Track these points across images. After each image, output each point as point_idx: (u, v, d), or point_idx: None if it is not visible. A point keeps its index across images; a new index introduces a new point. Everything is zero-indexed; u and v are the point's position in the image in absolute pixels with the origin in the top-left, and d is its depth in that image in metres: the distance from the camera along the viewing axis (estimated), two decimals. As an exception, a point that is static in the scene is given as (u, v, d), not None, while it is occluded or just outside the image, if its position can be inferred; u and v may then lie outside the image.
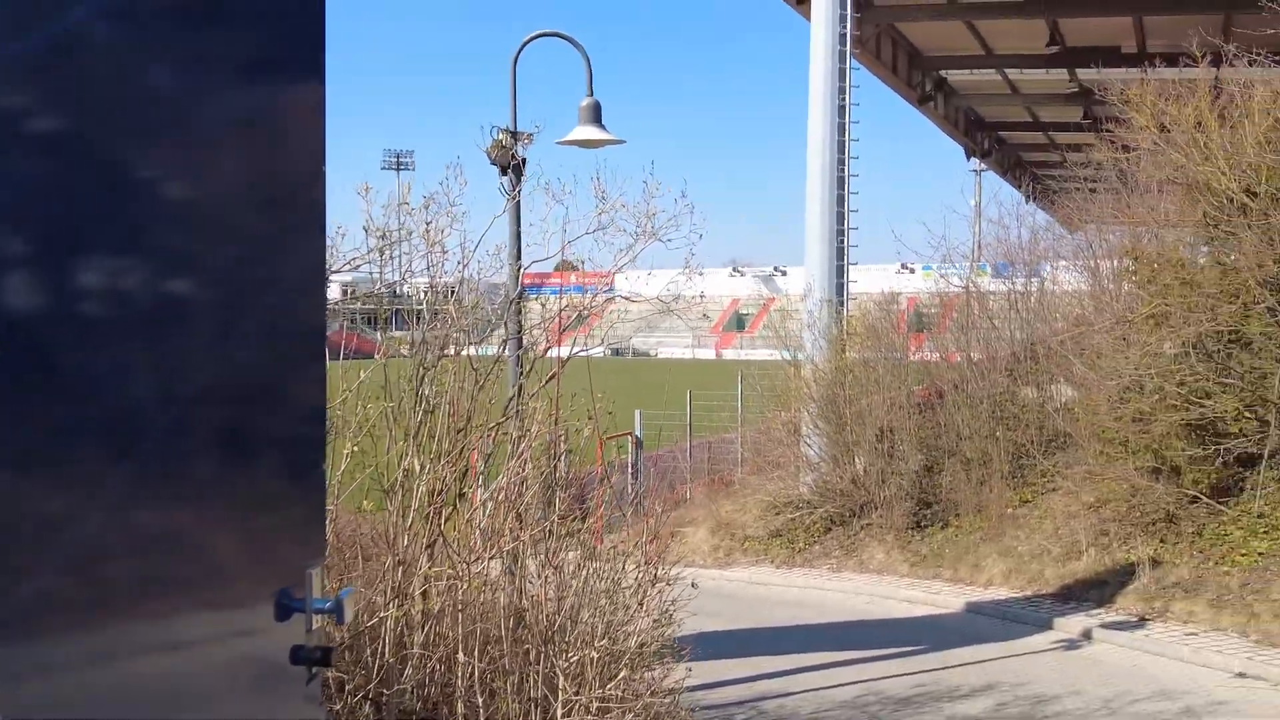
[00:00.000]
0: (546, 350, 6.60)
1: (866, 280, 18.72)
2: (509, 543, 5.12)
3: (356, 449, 5.10)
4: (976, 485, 13.52)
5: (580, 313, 6.80)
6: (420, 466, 5.12)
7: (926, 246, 18.82)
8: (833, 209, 15.90)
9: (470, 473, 5.73)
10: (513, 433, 5.62)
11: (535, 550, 5.36)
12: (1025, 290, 16.60)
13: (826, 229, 15.94)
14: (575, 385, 6.50)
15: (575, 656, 4.83)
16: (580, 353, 6.44)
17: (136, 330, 1.82)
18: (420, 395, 5.33)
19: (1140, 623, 10.22)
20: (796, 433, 15.50)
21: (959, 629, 10.80)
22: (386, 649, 4.62)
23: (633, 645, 5.19)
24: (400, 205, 6.21)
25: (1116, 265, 14.68)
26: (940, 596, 11.98)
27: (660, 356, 78.94)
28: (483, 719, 4.66)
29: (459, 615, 4.74)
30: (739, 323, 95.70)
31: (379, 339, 6.04)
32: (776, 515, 14.59)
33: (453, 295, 6.29)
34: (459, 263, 6.15)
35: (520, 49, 8.16)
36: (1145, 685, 8.80)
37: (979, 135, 34.66)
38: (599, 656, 4.86)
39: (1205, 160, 11.33)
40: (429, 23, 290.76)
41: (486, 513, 5.36)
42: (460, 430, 5.36)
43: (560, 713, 4.77)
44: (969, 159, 36.95)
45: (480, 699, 4.68)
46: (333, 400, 5.04)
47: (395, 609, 4.58)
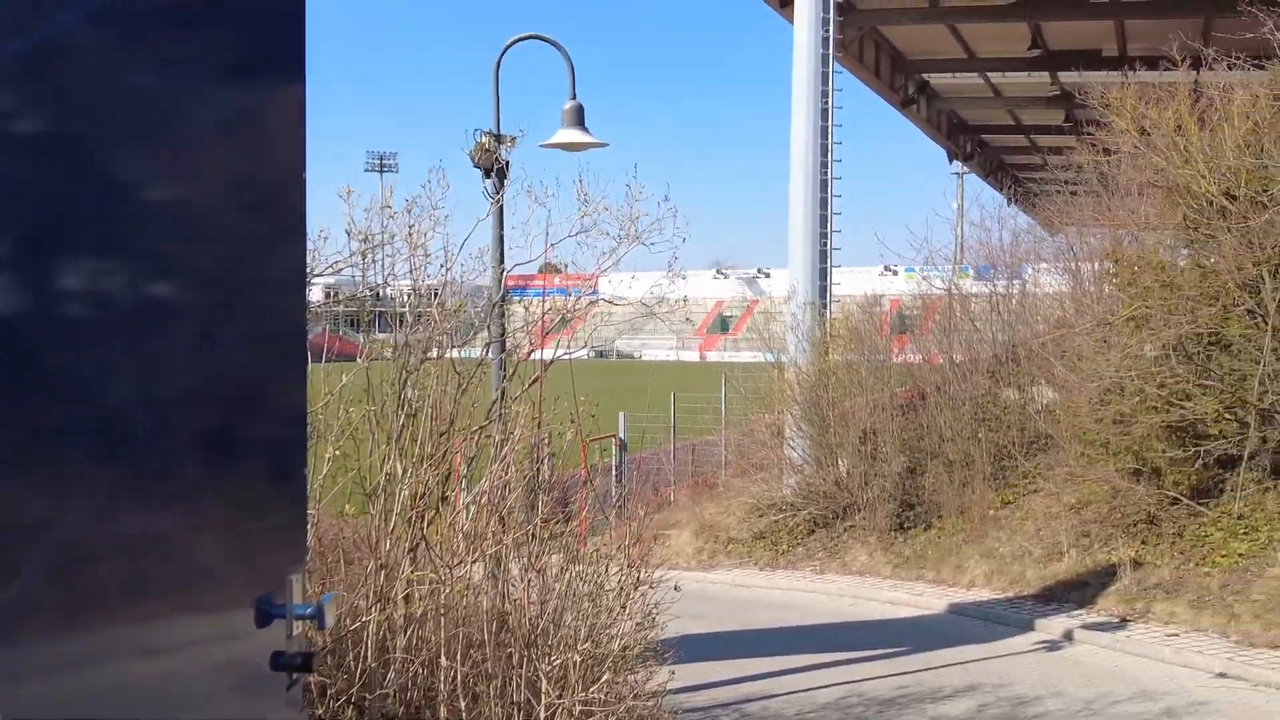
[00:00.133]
0: (530, 354, 6.60)
1: (850, 282, 18.78)
2: (492, 546, 5.11)
3: (339, 453, 5.09)
4: (959, 487, 13.57)
5: (564, 316, 6.80)
6: (403, 470, 5.11)
7: (909, 249, 18.95)
8: (816, 212, 15.94)
9: (453, 476, 5.73)
10: (496, 436, 5.61)
11: (518, 554, 5.36)
12: (1007, 292, 16.69)
13: (810, 232, 15.98)
14: (559, 388, 6.50)
15: (558, 660, 4.82)
16: (564, 356, 6.44)
17: (117, 332, 1.82)
18: (403, 399, 5.32)
19: (1121, 624, 10.27)
20: (780, 435, 15.53)
21: (942, 630, 10.84)
22: (369, 653, 4.60)
23: (616, 648, 5.20)
24: (383, 208, 6.20)
25: (1097, 268, 14.77)
26: (923, 598, 12.02)
27: (644, 358, 78.98)
28: (465, 723, 4.66)
29: (441, 619, 4.74)
30: (723, 325, 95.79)
31: (361, 341, 6.03)
32: (760, 517, 14.61)
33: (436, 298, 6.29)
34: (442, 266, 6.14)
35: (503, 52, 8.17)
36: (1126, 686, 8.85)
37: (961, 138, 34.80)
38: (582, 660, 4.86)
39: (1185, 163, 11.41)
40: (413, 24, 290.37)
41: (469, 516, 5.35)
42: (443, 434, 5.36)
43: (543, 716, 4.77)
44: (951, 162, 37.12)
45: (463, 703, 4.67)
46: (315, 404, 5.02)
47: (377, 613, 4.57)
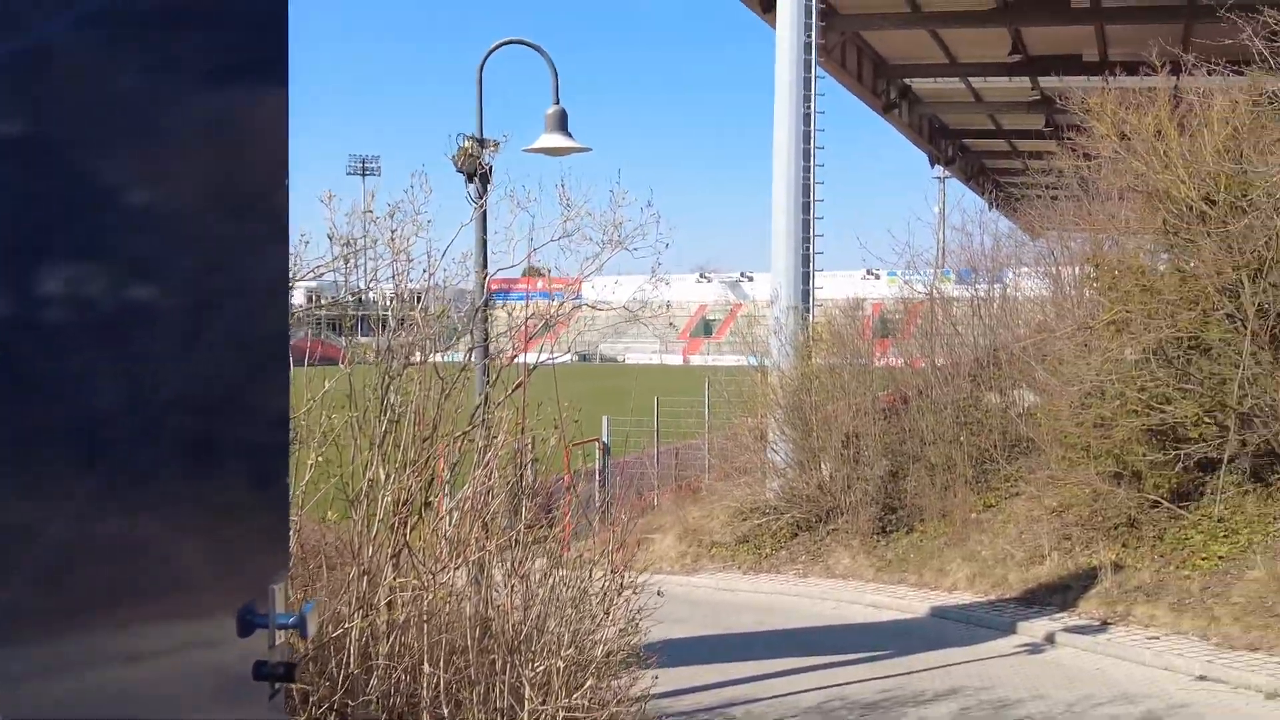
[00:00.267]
0: (513, 358, 6.59)
1: (833, 286, 18.86)
2: (475, 552, 5.10)
3: (321, 459, 5.07)
4: (941, 490, 13.62)
5: (546, 321, 6.80)
6: (385, 476, 5.10)
7: (891, 253, 19.02)
8: (799, 216, 15.97)
9: (436, 481, 5.72)
10: (479, 441, 5.60)
11: (501, 559, 5.35)
12: (988, 297, 16.76)
13: (793, 236, 16.01)
14: (542, 393, 6.49)
15: (541, 666, 4.82)
16: (547, 362, 6.43)
17: (99, 336, 1.82)
18: (386, 404, 5.31)
19: (1102, 626, 10.32)
20: (763, 439, 15.54)
21: (924, 633, 10.87)
22: (351, 660, 4.59)
23: (599, 654, 5.19)
24: (365, 213, 6.19)
25: (1078, 272, 14.84)
26: (905, 601, 12.05)
27: (628, 362, 78.97)
28: (449, 729, 4.65)
29: (424, 625, 4.73)
30: (706, 328, 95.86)
31: (344, 345, 6.01)
32: (743, 521, 14.62)
33: (419, 302, 6.28)
34: (425, 271, 6.13)
35: (486, 57, 8.17)
36: (1107, 689, 8.89)
37: (943, 143, 34.96)
38: (565, 666, 4.85)
39: (1165, 168, 11.48)
40: (397, 27, 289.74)
41: (452, 522, 5.34)
42: (426, 439, 5.35)
43: (526, 722, 4.77)
44: (933, 166, 37.32)
45: (446, 709, 4.66)
46: (297, 410, 5.01)
47: (360, 619, 4.56)
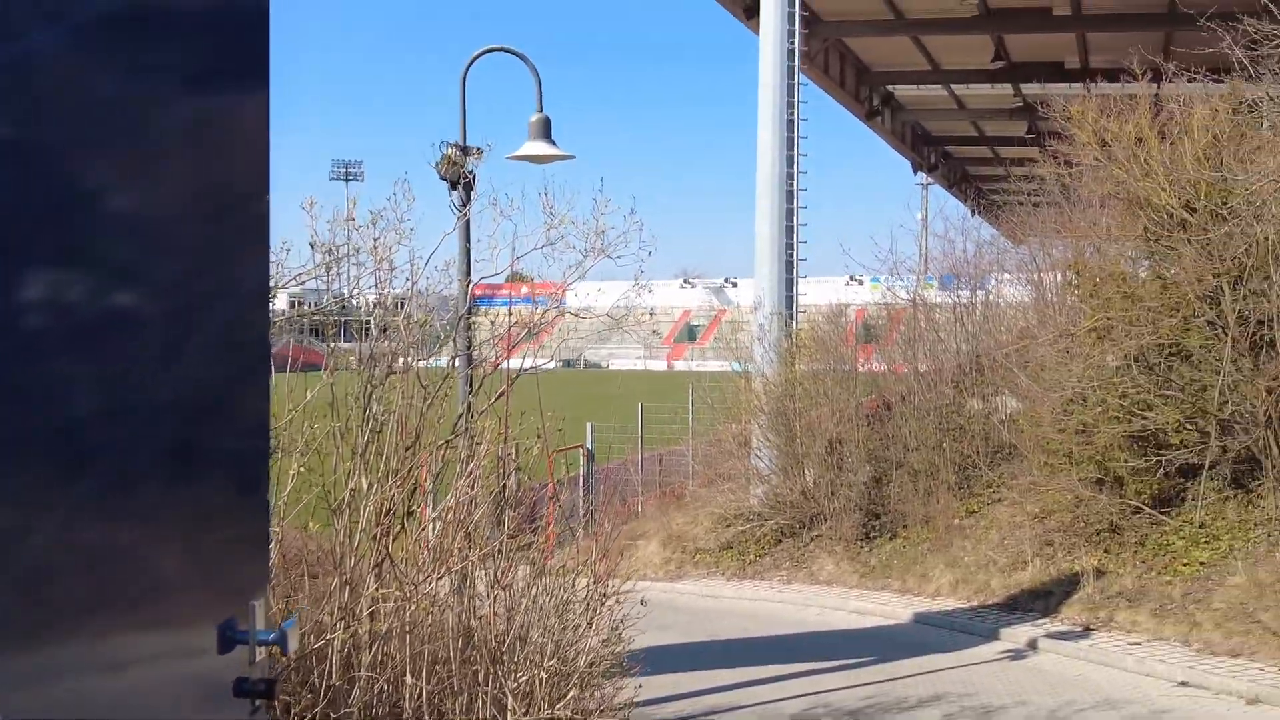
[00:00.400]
0: (496, 366, 6.58)
1: (816, 292, 18.88)
2: (458, 562, 5.09)
3: (303, 469, 5.05)
4: (924, 496, 13.65)
5: (529, 329, 6.79)
6: (368, 485, 5.08)
7: (874, 259, 19.02)
8: (782, 223, 16.00)
9: (419, 490, 5.70)
10: (461, 451, 5.59)
11: (485, 569, 5.34)
12: (971, 303, 16.82)
13: (776, 243, 16.03)
14: (525, 401, 6.48)
15: (524, 676, 4.81)
16: (530, 370, 6.42)
17: (78, 342, 1.80)
18: (368, 413, 5.29)
19: (1085, 632, 10.35)
20: (747, 445, 15.55)
21: (907, 640, 10.88)
22: (333, 671, 4.57)
23: (582, 664, 5.18)
24: (347, 221, 6.16)
25: (1060, 279, 14.90)
26: (889, 607, 12.07)
27: (612, 368, 78.96)
28: (431, 740, 4.63)
29: (407, 636, 4.71)
30: (690, 334, 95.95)
31: (327, 350, 5.98)
32: (727, 527, 14.63)
33: (401, 309, 6.26)
34: (408, 280, 6.12)
35: (469, 64, 8.16)
36: (1090, 695, 8.92)
37: (926, 150, 35.09)
38: (548, 676, 4.84)
39: (1145, 176, 11.54)
40: (381, 33, 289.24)
41: (435, 532, 5.32)
42: (408, 448, 5.33)
43: (510, 732, 4.75)
44: (916, 173, 37.44)
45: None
46: (279, 419, 4.99)
47: (342, 630, 4.54)
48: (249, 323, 2.38)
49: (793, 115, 16.10)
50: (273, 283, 5.66)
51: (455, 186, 7.58)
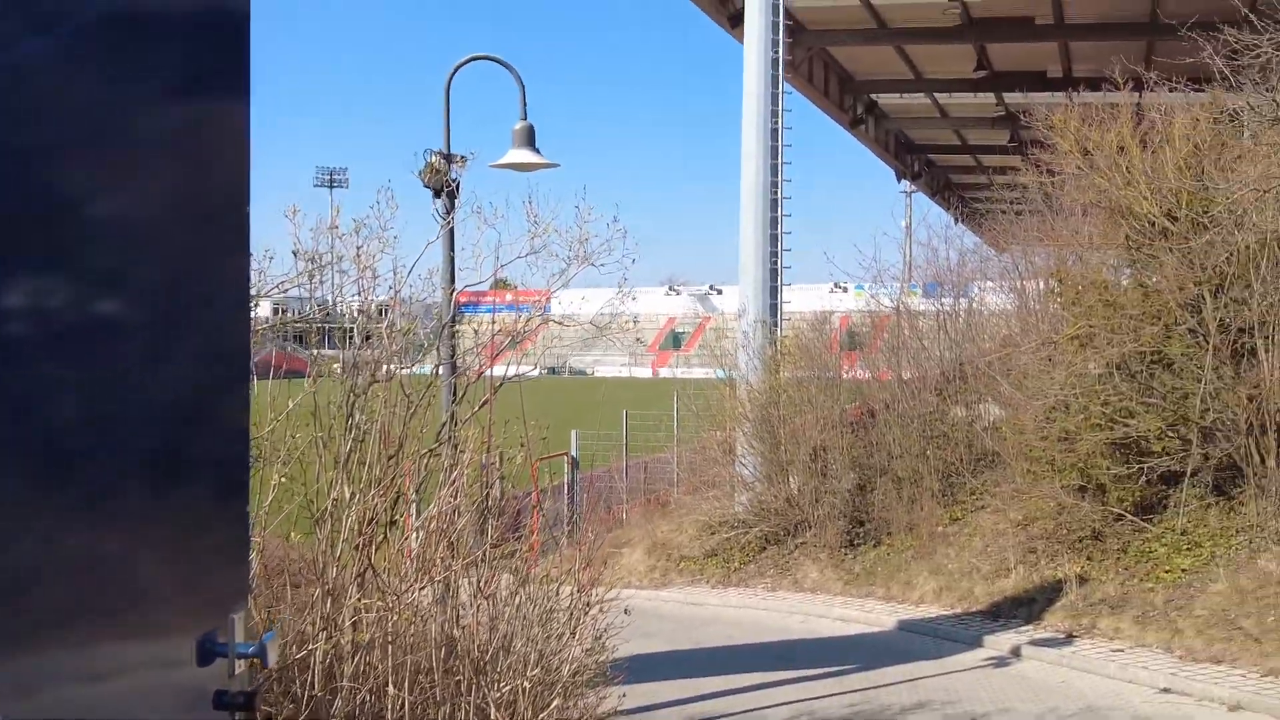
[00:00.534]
0: (480, 375, 6.57)
1: (800, 300, 18.90)
2: (441, 572, 5.07)
3: (285, 478, 5.02)
4: (908, 503, 13.67)
5: (513, 337, 6.78)
6: (350, 494, 5.05)
7: (858, 267, 19.10)
8: (766, 231, 16.03)
9: (402, 499, 5.68)
10: (445, 459, 5.57)
11: (468, 578, 5.32)
12: (954, 311, 16.87)
13: (760, 250, 16.06)
14: (510, 409, 6.47)
15: (507, 686, 4.79)
16: (514, 378, 6.41)
17: (58, 349, 1.79)
18: (351, 421, 5.27)
19: (1068, 639, 10.38)
20: (731, 452, 15.55)
21: (892, 647, 10.89)
22: (315, 681, 4.54)
23: (566, 673, 5.17)
24: (331, 228, 6.14)
25: (1042, 286, 14.97)
26: (873, 615, 12.08)
27: (597, 375, 78.89)
28: (414, 750, 4.61)
29: (389, 646, 4.69)
30: (675, 341, 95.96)
31: (310, 356, 5.97)
32: (712, 535, 14.62)
33: (385, 316, 6.24)
34: (391, 288, 6.10)
35: (453, 72, 8.15)
36: (1073, 702, 8.94)
37: (909, 158, 35.24)
38: (531, 686, 4.83)
39: (1127, 185, 11.61)
40: (366, 38, 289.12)
41: (418, 541, 5.30)
42: (392, 457, 5.31)
43: (493, 742, 4.73)
44: (900, 181, 37.62)
45: (411, 730, 4.62)
46: (261, 429, 4.96)
47: (325, 641, 4.51)
48: (230, 330, 2.37)
49: (777, 124, 16.13)
50: (255, 290, 5.65)
51: (439, 194, 7.57)
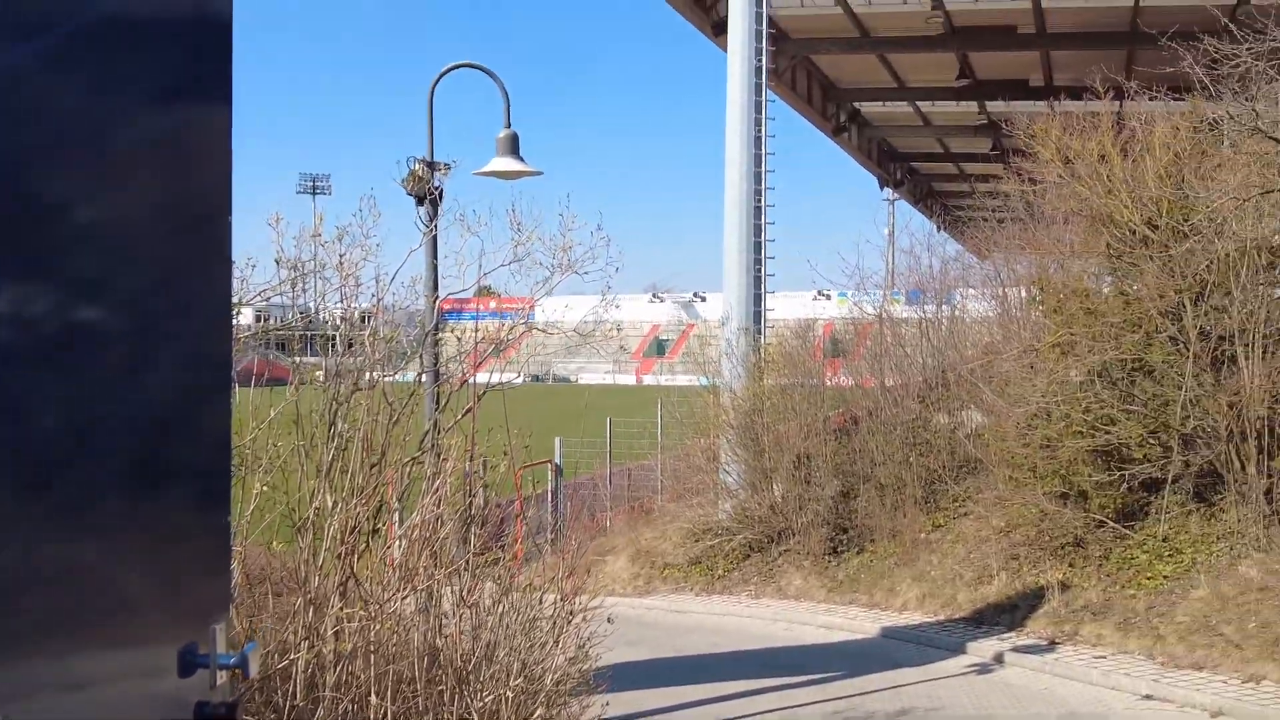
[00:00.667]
0: (463, 382, 6.55)
1: (784, 307, 18.93)
2: (424, 581, 5.05)
3: (267, 487, 5.00)
4: (891, 511, 13.70)
5: (496, 345, 6.77)
6: (333, 503, 5.03)
7: (841, 274, 19.15)
8: (750, 239, 16.06)
9: (385, 507, 5.66)
10: (428, 468, 5.56)
11: (450, 584, 5.30)
12: (936, 318, 16.93)
13: (744, 259, 16.08)
14: (493, 416, 6.45)
15: (490, 696, 4.77)
16: (497, 386, 6.40)
17: (38, 357, 1.78)
18: (333, 430, 5.25)
19: (1050, 646, 10.41)
20: (715, 460, 15.56)
21: (875, 654, 10.90)
22: (298, 690, 4.52)
23: (549, 683, 5.16)
24: (314, 236, 6.13)
25: (1024, 294, 15.03)
26: (857, 622, 12.09)
27: (581, 382, 78.82)
28: (396, 760, 4.59)
29: (371, 656, 4.67)
30: (659, 348, 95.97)
31: (293, 363, 5.95)
32: (696, 542, 14.62)
33: (367, 323, 6.23)
34: (374, 296, 6.09)
35: (437, 80, 8.14)
36: (1055, 708, 8.97)
37: (892, 166, 35.37)
38: (514, 695, 4.81)
39: (1108, 193, 11.67)
40: (349, 44, 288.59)
41: (400, 550, 5.29)
42: (374, 465, 5.29)
43: (476, 752, 4.72)
44: (882, 189, 37.72)
45: (394, 740, 4.60)
46: (243, 437, 4.94)
47: (306, 650, 4.49)
48: (212, 338, 2.35)
49: (760, 132, 16.17)
50: (237, 298, 5.63)
51: (422, 202, 7.56)
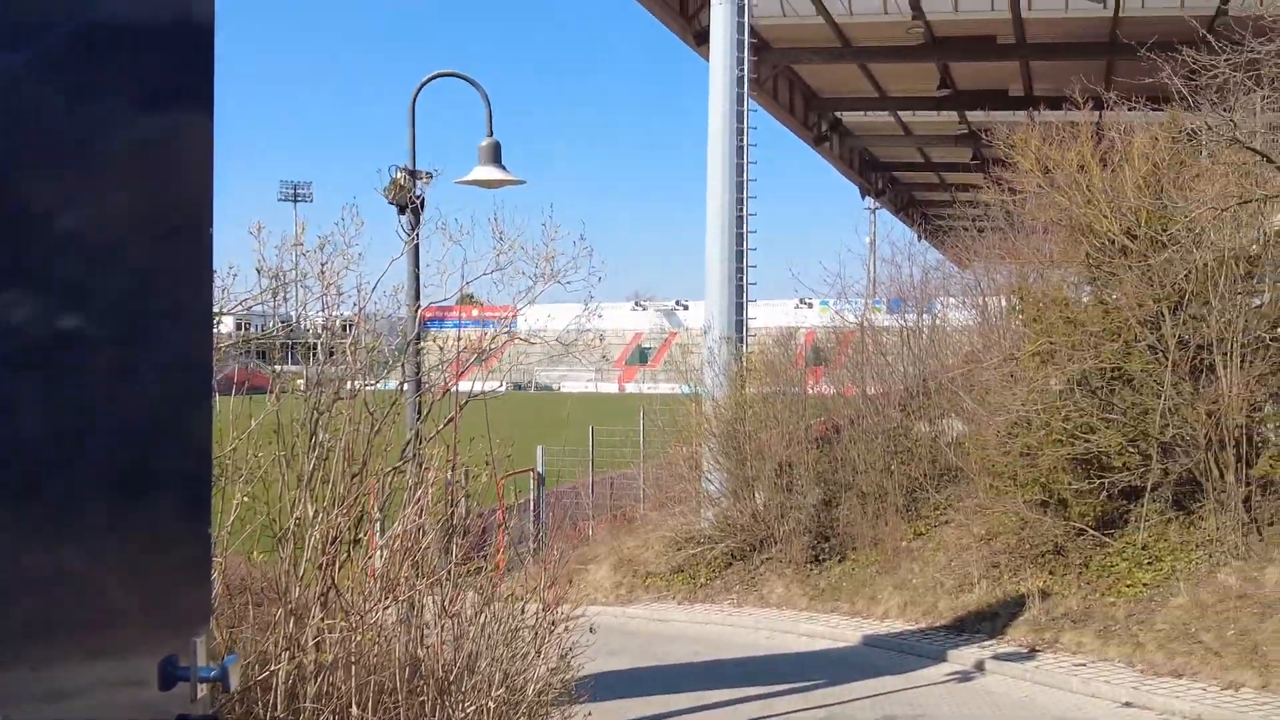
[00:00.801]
0: (445, 391, 6.54)
1: (766, 316, 18.97)
2: (405, 591, 5.03)
3: (248, 497, 4.98)
4: (872, 519, 13.72)
5: (479, 354, 6.76)
6: (314, 513, 5.01)
7: (823, 283, 19.21)
8: (732, 248, 16.09)
9: (366, 517, 5.63)
10: (410, 477, 5.54)
11: (432, 594, 5.28)
12: (917, 327, 16.98)
13: (726, 268, 16.11)
14: (475, 425, 6.44)
15: (472, 706, 4.76)
16: (479, 394, 6.39)
17: (19, 365, 1.78)
18: (314, 439, 5.23)
19: (1031, 654, 10.44)
20: (697, 468, 15.56)
21: (857, 662, 10.92)
22: (278, 701, 4.50)
23: (531, 693, 5.14)
24: (295, 245, 6.11)
25: (1004, 303, 15.10)
26: (838, 630, 12.11)
27: (563, 390, 78.72)
28: (378, 771, 4.57)
29: (353, 667, 4.65)
30: (641, 356, 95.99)
31: (273, 373, 5.92)
32: (678, 551, 14.61)
33: (348, 331, 6.21)
34: (355, 305, 6.07)
35: (419, 89, 8.13)
36: (1036, 716, 9.00)
37: (873, 175, 35.52)
38: (496, 706, 4.80)
39: (1088, 203, 11.75)
40: (331, 52, 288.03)
41: (382, 560, 5.27)
42: (355, 475, 5.27)
43: (457, 763, 4.70)
44: (864, 198, 37.92)
45: (375, 751, 4.58)
46: (223, 447, 4.92)
47: (287, 661, 4.47)
48: (192, 347, 2.35)
49: (742, 141, 16.21)
50: (218, 307, 5.60)
51: (404, 211, 7.55)
